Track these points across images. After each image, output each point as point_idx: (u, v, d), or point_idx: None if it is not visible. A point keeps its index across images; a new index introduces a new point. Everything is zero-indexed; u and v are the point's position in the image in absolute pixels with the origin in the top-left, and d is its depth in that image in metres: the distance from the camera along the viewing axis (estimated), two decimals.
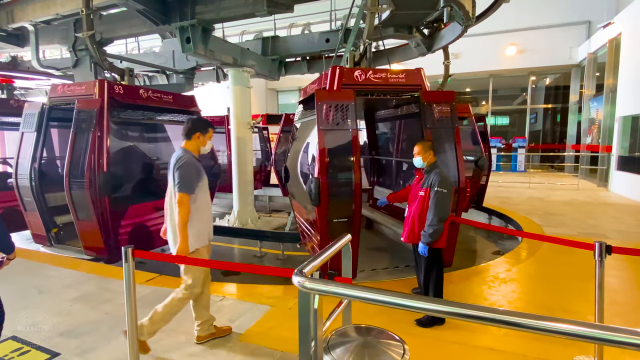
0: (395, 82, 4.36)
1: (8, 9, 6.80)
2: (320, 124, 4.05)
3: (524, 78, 16.37)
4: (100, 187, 4.54)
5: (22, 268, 4.56)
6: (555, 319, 1.10)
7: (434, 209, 3.10)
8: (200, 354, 2.67)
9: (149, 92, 5.47)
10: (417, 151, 3.32)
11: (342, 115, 4.08)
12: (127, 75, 5.65)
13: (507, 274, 4.38)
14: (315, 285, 1.27)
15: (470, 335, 2.94)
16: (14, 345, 2.81)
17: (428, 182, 3.19)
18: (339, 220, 4.06)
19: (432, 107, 4.22)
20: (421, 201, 3.21)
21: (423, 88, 4.34)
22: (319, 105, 4.07)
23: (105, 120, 4.67)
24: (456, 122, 4.28)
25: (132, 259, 2.29)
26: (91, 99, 4.80)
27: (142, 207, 5.23)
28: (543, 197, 9.70)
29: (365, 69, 4.39)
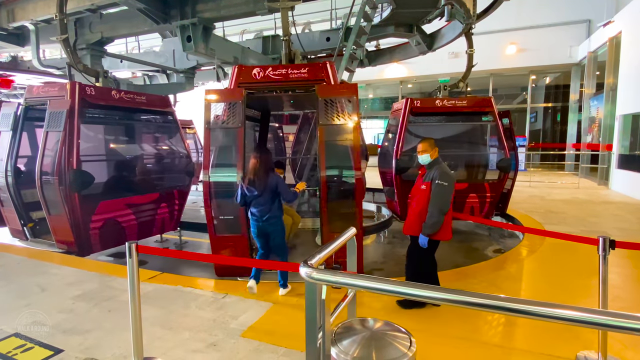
0: (296, 77, 4.20)
1: (9, 7, 6.80)
2: (206, 123, 4.20)
3: (524, 77, 16.39)
4: (69, 184, 4.69)
5: (24, 266, 4.56)
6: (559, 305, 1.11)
7: (435, 201, 3.16)
8: (204, 350, 2.67)
9: (122, 93, 5.59)
10: (422, 149, 3.32)
11: (230, 114, 4.16)
12: (101, 77, 5.76)
13: (508, 271, 4.38)
14: (323, 275, 1.27)
15: (474, 330, 2.94)
16: (17, 342, 2.80)
17: (430, 176, 3.23)
18: (225, 217, 4.21)
19: (327, 103, 4.03)
20: (422, 195, 3.27)
21: (327, 82, 4.13)
22: (205, 104, 4.25)
23: (76, 121, 4.82)
24: (355, 117, 3.98)
25: (136, 254, 2.29)
26: (62, 100, 4.93)
27: (113, 203, 5.36)
28: (544, 195, 9.70)
29: (265, 66, 4.32)
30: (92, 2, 5.90)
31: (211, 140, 4.24)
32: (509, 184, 6.69)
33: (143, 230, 5.90)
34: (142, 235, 5.91)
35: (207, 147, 4.20)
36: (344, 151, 4.00)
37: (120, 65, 10.45)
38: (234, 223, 4.23)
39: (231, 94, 4.23)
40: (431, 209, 3.18)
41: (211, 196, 4.21)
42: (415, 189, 3.43)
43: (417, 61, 11.43)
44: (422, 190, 3.28)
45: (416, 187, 3.42)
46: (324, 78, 4.12)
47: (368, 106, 21.24)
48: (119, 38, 8.58)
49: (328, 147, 4.00)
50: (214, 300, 3.50)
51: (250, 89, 4.27)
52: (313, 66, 4.20)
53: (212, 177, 4.17)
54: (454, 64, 14.88)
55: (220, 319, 3.12)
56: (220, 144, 4.27)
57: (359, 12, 6.72)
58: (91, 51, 7.88)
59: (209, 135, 4.22)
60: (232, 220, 4.23)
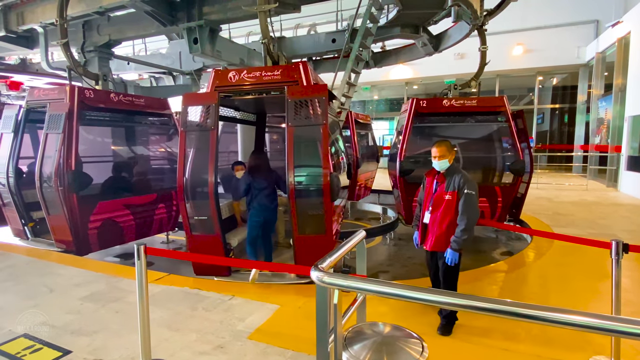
0: (269, 79, 4.17)
1: (18, 10, 6.86)
2: (182, 125, 4.29)
3: (531, 78, 16.26)
4: (68, 185, 4.78)
5: (33, 267, 4.59)
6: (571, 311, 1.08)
7: (467, 213, 2.90)
8: (211, 352, 2.67)
9: (120, 95, 5.72)
10: (439, 153, 3.02)
11: (205, 116, 4.21)
12: (100, 80, 5.91)
13: (517, 274, 4.34)
14: (334, 279, 1.25)
15: (484, 334, 2.91)
16: (26, 342, 2.82)
17: (454, 184, 2.96)
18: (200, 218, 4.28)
19: (296, 104, 3.98)
20: (448, 206, 2.97)
21: (299, 84, 4.09)
22: (182, 108, 4.31)
23: (75, 123, 4.92)
24: (324, 118, 3.88)
25: (145, 256, 2.29)
26: (62, 103, 5.03)
27: (111, 204, 5.45)
28: (551, 197, 9.61)
29: (240, 69, 4.31)
30: (101, 4, 5.94)
31: (186, 143, 4.31)
32: (523, 187, 6.28)
33: (141, 231, 5.98)
34: (140, 236, 5.99)
35: (182, 149, 4.28)
36: (312, 151, 3.93)
37: (127, 67, 10.52)
38: (208, 223, 4.27)
39: (206, 97, 4.29)
40: (464, 222, 2.90)
41: (186, 196, 4.26)
42: (437, 198, 3.05)
43: (423, 62, 11.39)
44: (447, 201, 2.97)
45: (438, 197, 3.04)
46: (296, 79, 4.09)
47: (373, 107, 21.21)
48: (126, 40, 8.64)
49: (296, 148, 3.95)
50: (220, 302, 3.50)
51: (226, 92, 4.32)
52: (286, 68, 4.19)
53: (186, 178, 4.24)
54: (460, 65, 14.82)
55: (227, 321, 3.12)
56: (195, 146, 4.32)
57: (365, 14, 6.70)
58: (99, 53, 7.93)
59: (184, 138, 4.30)
60: (206, 221, 4.27)
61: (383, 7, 7.00)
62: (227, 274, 4.31)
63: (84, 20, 7.24)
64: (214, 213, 4.15)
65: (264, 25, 4.34)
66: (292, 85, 4.03)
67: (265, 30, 4.35)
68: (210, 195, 4.11)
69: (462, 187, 2.93)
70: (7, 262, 4.76)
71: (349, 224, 8.86)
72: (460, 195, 2.93)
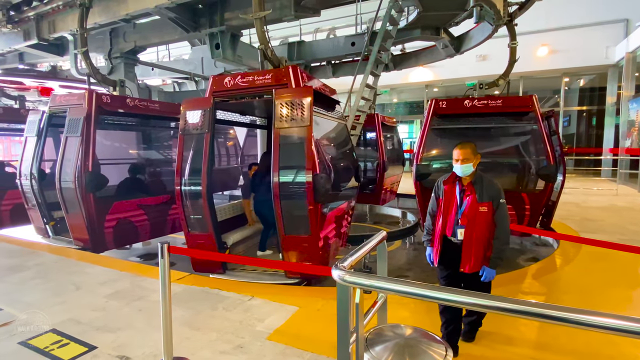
0: (261, 83, 4.27)
1: (50, 19, 7.18)
2: (180, 130, 4.47)
3: (557, 79, 15.78)
4: (85, 186, 5.06)
5: (60, 265, 4.75)
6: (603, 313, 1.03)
7: (505, 225, 2.62)
8: (231, 352, 2.68)
9: (136, 100, 6.01)
10: (463, 156, 2.64)
11: (200, 120, 4.38)
12: (118, 86, 6.19)
13: (544, 280, 4.19)
14: (356, 278, 1.24)
15: (509, 342, 2.82)
16: (54, 337, 2.91)
17: (487, 194, 2.62)
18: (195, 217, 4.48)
19: (281, 105, 4.03)
20: (485, 219, 2.61)
21: (289, 86, 4.13)
22: (182, 112, 4.53)
23: (92, 126, 5.20)
24: (309, 120, 3.89)
25: (168, 254, 2.33)
26: (80, 108, 5.32)
27: (126, 204, 5.72)
28: (579, 202, 9.27)
29: (235, 75, 4.43)
30: (127, 12, 6.15)
31: (184, 146, 4.50)
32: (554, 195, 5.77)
33: (155, 230, 6.22)
34: (154, 235, 6.24)
35: (180, 151, 4.48)
36: (297, 153, 3.96)
37: (152, 72, 10.84)
38: (202, 222, 4.45)
39: (202, 102, 4.49)
40: (504, 235, 2.61)
41: (182, 196, 4.47)
42: (471, 211, 2.64)
43: (444, 64, 11.23)
44: (484, 214, 2.60)
45: (471, 209, 2.64)
46: (286, 82, 4.15)
47: (392, 111, 21.05)
48: (151, 47, 8.91)
49: (282, 149, 4.00)
50: (240, 303, 3.52)
51: (222, 97, 4.46)
52: (276, 72, 4.26)
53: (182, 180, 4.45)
54: (483, 67, 14.53)
55: (247, 321, 3.14)
56: (191, 149, 4.49)
57: (385, 16, 6.69)
58: (125, 60, 8.21)
59: (182, 141, 4.50)
60: (200, 220, 4.45)
61: (403, 9, 6.97)
62: (222, 272, 4.48)
63: (111, 27, 7.51)
64: (207, 213, 4.33)
65: (260, 31, 4.46)
66: (280, 88, 4.12)
67: (261, 36, 4.46)
68: (203, 195, 4.29)
69: (497, 197, 2.63)
70: (36, 260, 4.94)
71: (367, 228, 8.81)
72: (495, 205, 2.61)
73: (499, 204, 2.61)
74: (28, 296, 3.74)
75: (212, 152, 4.39)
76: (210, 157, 4.34)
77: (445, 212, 2.74)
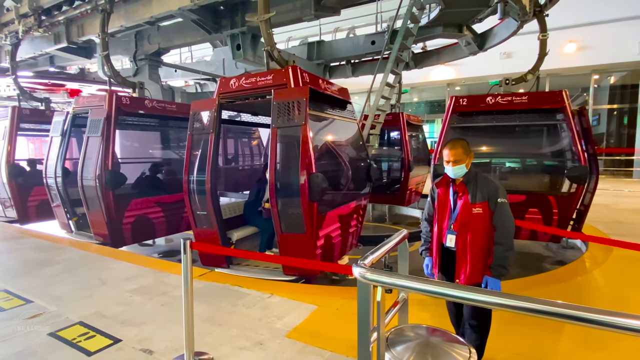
0: (263, 84, 4.34)
1: (79, 23, 7.43)
2: (189, 130, 4.71)
3: (585, 77, 15.21)
4: (105, 183, 5.31)
5: (88, 261, 4.91)
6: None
7: (507, 227, 2.32)
8: (251, 348, 2.70)
9: (154, 102, 6.25)
10: (454, 157, 2.39)
11: (206, 121, 4.57)
12: (137, 88, 6.43)
13: (571, 284, 4.03)
14: (377, 276, 1.22)
15: (534, 346, 2.73)
16: (81, 329, 3.01)
17: (480, 193, 2.35)
18: (200, 213, 4.65)
19: (279, 106, 4.07)
20: (480, 221, 2.34)
21: (288, 86, 4.16)
22: (190, 114, 4.73)
23: (112, 127, 5.46)
24: (304, 119, 3.90)
25: (190, 250, 2.37)
26: (101, 109, 5.59)
27: (143, 201, 5.97)
28: (609, 204, 8.89)
29: (240, 76, 4.54)
30: (151, 14, 6.30)
31: (192, 145, 4.72)
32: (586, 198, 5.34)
33: (171, 227, 6.44)
34: (170, 232, 6.47)
35: (188, 150, 4.70)
36: (293, 152, 3.99)
37: (175, 74, 11.07)
38: (207, 218, 4.62)
39: (208, 104, 4.67)
40: (505, 239, 2.30)
41: (189, 193, 4.68)
42: (463, 214, 2.38)
43: (466, 62, 11.02)
44: (477, 215, 2.34)
45: (463, 212, 2.38)
46: (285, 83, 4.20)
47: (412, 110, 20.79)
48: (174, 48, 9.10)
49: (279, 148, 4.06)
50: (260, 300, 3.55)
51: (228, 98, 4.61)
52: (277, 72, 4.31)
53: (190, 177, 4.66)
54: (507, 64, 14.17)
55: (266, 319, 3.16)
56: (198, 148, 4.68)
57: (405, 14, 6.60)
58: (149, 62, 8.43)
59: (190, 140, 4.72)
60: (206, 216, 4.62)
61: (425, 7, 6.86)
62: (227, 266, 4.65)
63: (136, 30, 7.72)
64: (211, 209, 4.49)
65: (266, 33, 4.52)
66: (279, 89, 4.18)
67: (267, 38, 4.53)
68: (207, 192, 4.45)
69: (494, 196, 2.33)
70: (64, 255, 5.12)
71: (386, 228, 8.72)
72: (492, 205, 2.33)
73: (497, 203, 2.32)
74: (57, 290, 3.88)
75: (216, 151, 4.56)
76: (215, 156, 4.53)
77: (441, 218, 2.51)
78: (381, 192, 8.83)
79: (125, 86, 6.38)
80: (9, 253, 5.32)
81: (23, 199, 7.72)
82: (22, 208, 7.74)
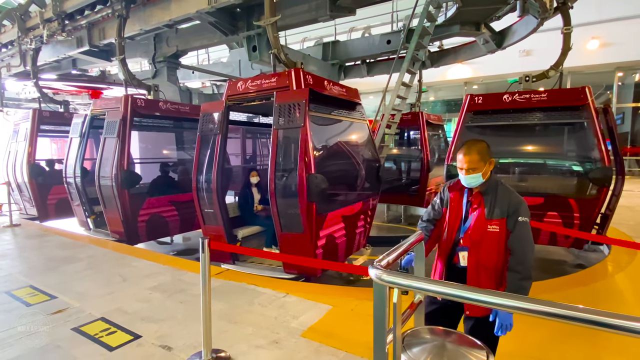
0: (267, 86, 4.44)
1: (100, 27, 7.63)
2: (199, 131, 4.92)
3: (609, 74, 14.74)
4: (120, 182, 5.52)
5: (109, 258, 5.05)
6: None
7: (526, 252, 1.91)
8: (267, 347, 2.74)
9: (168, 104, 6.46)
10: (469, 164, 2.00)
11: (214, 122, 4.76)
12: (152, 90, 6.66)
13: (592, 288, 3.93)
14: (394, 278, 1.23)
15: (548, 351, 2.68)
16: (103, 325, 3.10)
17: (500, 208, 1.98)
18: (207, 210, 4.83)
19: (281, 107, 4.17)
20: (494, 241, 1.97)
21: (290, 88, 4.23)
22: (200, 115, 4.94)
23: (128, 128, 5.67)
24: (303, 121, 3.96)
25: (209, 249, 2.42)
26: (117, 111, 5.80)
27: (158, 200, 6.17)
28: (633, 206, 8.61)
29: (246, 79, 4.65)
30: (170, 17, 6.43)
31: (201, 145, 4.90)
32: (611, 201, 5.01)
33: (184, 225, 6.62)
34: (184, 229, 6.66)
35: (198, 150, 4.91)
36: (292, 153, 4.06)
37: (192, 76, 11.26)
38: (214, 216, 4.79)
39: (215, 106, 4.85)
40: (520, 266, 1.90)
41: (197, 192, 4.85)
42: (476, 229, 2.01)
43: (484, 61, 10.83)
44: (493, 234, 1.97)
45: (477, 227, 2.01)
46: (288, 85, 4.29)
47: (429, 109, 20.56)
48: (192, 50, 9.25)
49: (278, 149, 4.14)
50: (275, 299, 3.59)
51: (235, 100, 4.75)
52: (280, 75, 4.41)
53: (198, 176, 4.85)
54: (526, 62, 13.87)
55: (282, 318, 3.19)
56: (206, 148, 4.86)
57: (422, 13, 6.54)
58: (168, 64, 8.60)
59: (200, 141, 4.90)
60: (212, 214, 4.79)
61: (441, 5, 6.78)
62: (232, 262, 4.81)
63: (155, 33, 7.88)
64: (217, 207, 4.65)
65: (272, 36, 4.62)
66: (281, 91, 4.29)
67: (274, 41, 4.63)
68: (214, 190, 4.61)
69: (515, 212, 1.94)
70: (87, 252, 5.28)
71: (401, 229, 8.65)
72: (511, 224, 1.95)
73: (517, 222, 1.92)
74: (80, 286, 4.01)
75: (223, 151, 4.74)
76: (222, 156, 4.69)
77: (451, 227, 2.13)
78: (400, 192, 8.78)
79: (140, 88, 6.56)
80: (34, 250, 5.52)
81: (43, 197, 8.07)
82: (42, 206, 8.09)
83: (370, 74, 9.53)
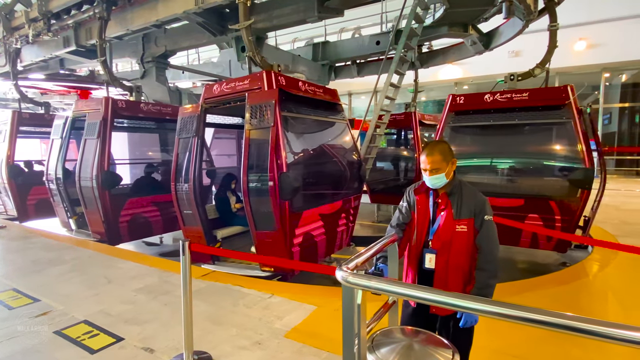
0: (241, 88, 4.52)
1: (87, 26, 7.57)
2: (177, 133, 5.00)
3: (596, 75, 14.96)
4: (101, 183, 5.57)
5: (95, 260, 5.01)
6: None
7: (493, 250, 1.97)
8: (250, 347, 2.75)
9: (149, 105, 6.51)
10: (432, 165, 1.99)
11: (191, 125, 4.86)
12: (134, 92, 6.70)
13: (574, 286, 4.00)
14: (359, 280, 1.25)
15: (526, 348, 2.72)
16: (86, 328, 3.09)
17: (466, 208, 2.00)
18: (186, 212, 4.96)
19: (252, 108, 4.26)
20: (463, 241, 1.98)
21: (261, 89, 4.32)
22: (178, 119, 5.04)
23: (108, 129, 5.72)
24: (273, 121, 4.06)
25: (189, 251, 2.42)
26: (98, 112, 5.84)
27: (139, 201, 6.22)
28: (618, 205, 8.75)
29: (221, 82, 4.76)
30: (157, 18, 6.39)
31: (179, 148, 5.00)
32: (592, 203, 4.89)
33: (167, 225, 6.65)
34: (167, 230, 6.70)
35: (176, 153, 5.03)
36: (263, 152, 4.14)
37: (182, 76, 11.20)
38: (192, 217, 4.89)
39: (192, 109, 4.95)
40: (490, 263, 1.95)
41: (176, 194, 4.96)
42: (444, 230, 2.01)
43: (474, 61, 10.94)
44: (461, 234, 1.98)
45: (445, 228, 2.01)
46: (259, 86, 4.37)
47: (420, 109, 20.67)
48: (181, 51, 9.19)
49: (250, 149, 4.22)
50: (260, 300, 3.60)
51: (212, 103, 4.84)
52: (252, 77, 4.49)
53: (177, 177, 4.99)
54: (515, 63, 13.97)
55: (266, 318, 3.20)
56: (183, 151, 4.96)
57: (409, 14, 6.58)
58: (156, 64, 8.53)
59: (177, 144, 5.00)
60: (191, 215, 4.89)
61: (429, 7, 6.84)
62: (212, 263, 4.89)
63: (143, 33, 7.82)
64: (194, 208, 4.76)
65: (247, 40, 4.72)
66: (252, 92, 4.37)
67: (249, 44, 4.73)
68: (191, 192, 4.70)
69: (481, 211, 1.98)
70: (72, 254, 5.24)
71: None
72: (478, 223, 1.98)
73: (483, 221, 1.97)
74: (64, 288, 3.98)
75: (200, 154, 4.83)
76: (199, 158, 4.79)
77: (420, 229, 2.10)
78: (392, 193, 8.82)
79: (122, 89, 6.59)
80: (18, 252, 5.46)
81: (22, 198, 8.07)
82: (22, 206, 8.07)
83: (360, 74, 9.57)
